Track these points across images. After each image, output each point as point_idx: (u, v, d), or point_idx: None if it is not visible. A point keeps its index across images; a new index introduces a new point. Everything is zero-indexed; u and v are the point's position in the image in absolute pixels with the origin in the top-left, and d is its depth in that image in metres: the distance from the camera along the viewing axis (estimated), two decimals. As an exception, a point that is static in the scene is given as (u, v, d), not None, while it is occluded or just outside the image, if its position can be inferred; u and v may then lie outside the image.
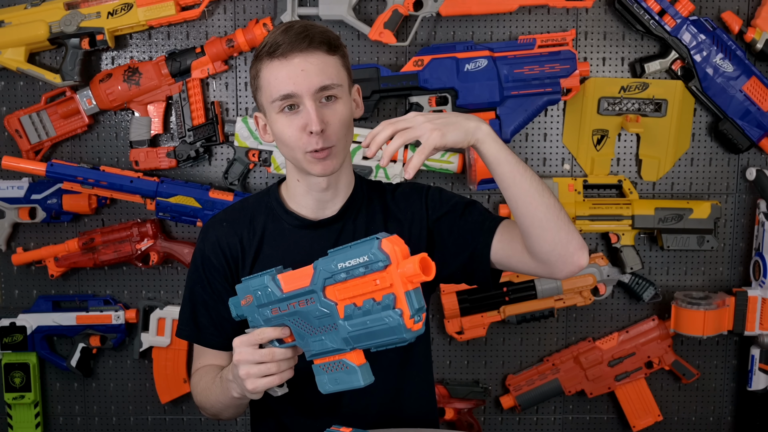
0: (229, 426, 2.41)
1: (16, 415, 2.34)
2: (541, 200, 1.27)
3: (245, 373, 1.19)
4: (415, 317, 1.04)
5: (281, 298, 1.15)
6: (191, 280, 1.47)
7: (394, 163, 2.18)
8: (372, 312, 1.05)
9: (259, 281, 1.18)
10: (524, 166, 1.28)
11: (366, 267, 1.04)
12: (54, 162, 2.18)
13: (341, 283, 1.08)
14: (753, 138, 2.22)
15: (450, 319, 2.28)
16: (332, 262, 1.07)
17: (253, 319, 1.22)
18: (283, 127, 1.32)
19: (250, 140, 2.19)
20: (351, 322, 1.08)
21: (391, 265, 1.02)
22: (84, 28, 2.13)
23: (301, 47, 1.29)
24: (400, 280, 1.02)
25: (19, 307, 2.33)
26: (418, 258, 1.02)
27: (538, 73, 2.13)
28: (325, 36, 1.32)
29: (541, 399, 2.34)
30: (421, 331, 1.06)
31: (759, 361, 2.28)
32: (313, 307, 1.11)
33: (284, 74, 1.29)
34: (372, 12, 2.20)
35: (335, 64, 1.33)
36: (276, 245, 1.43)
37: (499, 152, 1.26)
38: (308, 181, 1.39)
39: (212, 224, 1.48)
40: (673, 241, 2.25)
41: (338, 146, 1.33)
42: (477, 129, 1.25)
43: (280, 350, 1.19)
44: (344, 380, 1.14)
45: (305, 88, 1.29)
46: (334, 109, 1.32)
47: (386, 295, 1.03)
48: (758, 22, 2.17)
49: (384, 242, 1.03)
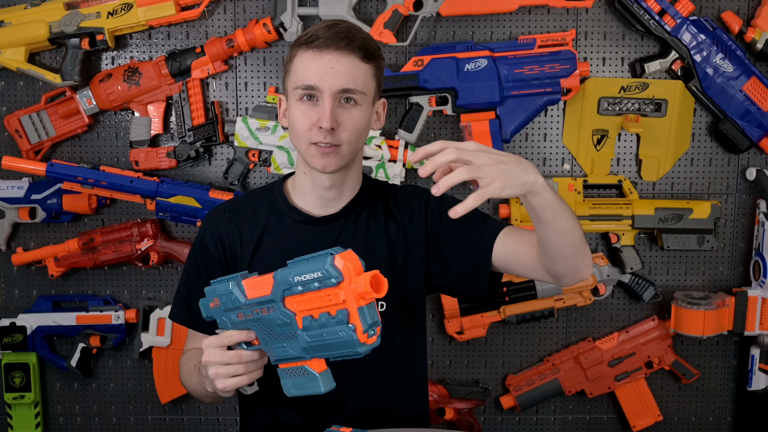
0: (228, 426, 2.41)
1: (16, 415, 2.34)
2: (571, 235, 1.27)
3: (214, 373, 1.22)
4: (369, 332, 1.06)
5: (245, 304, 1.17)
6: (188, 265, 1.50)
7: (393, 163, 2.18)
8: (327, 325, 1.07)
9: (224, 286, 1.19)
10: (563, 207, 1.25)
11: (320, 282, 1.05)
12: (54, 162, 2.18)
13: (299, 295, 1.09)
14: (753, 138, 2.22)
15: (450, 319, 2.29)
16: (290, 274, 1.09)
17: (221, 321, 1.24)
18: (298, 115, 1.34)
19: (250, 140, 2.19)
20: (309, 333, 1.10)
21: (344, 281, 1.03)
22: (84, 28, 2.13)
23: (338, 45, 1.31)
24: (353, 296, 1.04)
25: (19, 307, 2.33)
26: (369, 275, 1.03)
27: (538, 73, 2.13)
28: (365, 43, 1.34)
29: (541, 399, 2.34)
30: (377, 344, 1.08)
31: (759, 361, 2.28)
32: (275, 315, 1.13)
33: (314, 66, 1.31)
34: (372, 12, 2.20)
35: (365, 72, 1.35)
36: (277, 239, 1.44)
37: (547, 201, 1.23)
38: (313, 176, 1.41)
39: (215, 214, 1.50)
40: (673, 241, 2.25)
41: (345, 148, 1.35)
42: (534, 183, 1.19)
43: (247, 353, 1.21)
44: (306, 386, 1.16)
45: (328, 85, 1.31)
46: (350, 112, 1.34)
47: (340, 310, 1.05)
48: (758, 22, 2.17)
49: (337, 258, 1.03)
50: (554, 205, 1.23)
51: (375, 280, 1.04)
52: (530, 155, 2.28)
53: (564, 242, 1.28)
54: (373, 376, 1.43)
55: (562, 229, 1.26)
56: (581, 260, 1.31)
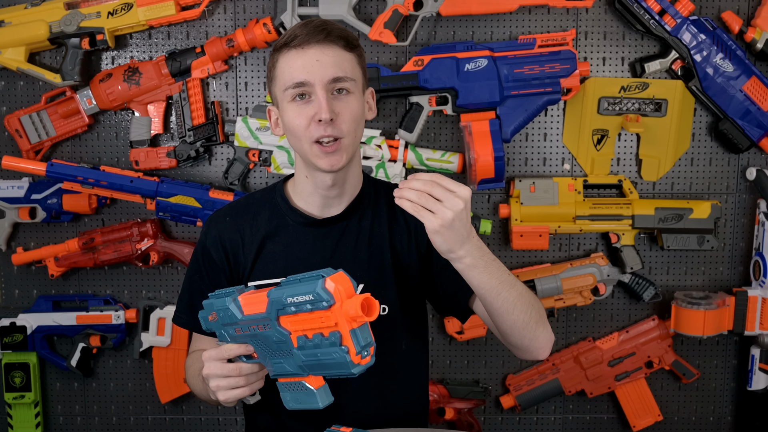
0: (229, 426, 2.41)
1: (16, 415, 2.34)
2: (510, 317, 1.28)
3: (215, 386, 1.22)
4: (362, 353, 1.06)
5: (242, 320, 1.17)
6: (191, 269, 1.50)
7: (393, 163, 2.18)
8: (321, 346, 1.07)
9: (221, 302, 1.20)
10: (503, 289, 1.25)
11: (312, 304, 1.05)
12: (54, 162, 2.18)
13: (292, 315, 1.09)
14: (753, 138, 2.22)
15: (450, 319, 2.28)
16: (283, 294, 1.08)
17: (221, 334, 1.24)
18: (294, 116, 1.33)
19: (250, 140, 2.19)
20: (304, 352, 1.10)
21: (335, 304, 1.03)
22: (84, 28, 2.13)
23: (318, 38, 1.31)
24: (345, 319, 1.04)
25: (19, 307, 2.33)
26: (360, 299, 1.03)
27: (538, 73, 2.13)
28: (344, 33, 1.34)
29: (541, 399, 2.34)
30: (371, 364, 1.08)
31: (759, 361, 2.28)
32: (270, 332, 1.13)
33: (299, 63, 1.31)
34: (372, 12, 2.20)
35: (351, 60, 1.34)
36: (279, 242, 1.43)
37: (476, 280, 1.24)
38: (315, 177, 1.39)
39: (216, 218, 1.50)
40: (673, 241, 2.25)
41: (347, 140, 1.33)
42: (459, 259, 1.21)
43: (246, 365, 1.21)
44: (304, 401, 1.16)
45: (318, 77, 1.30)
46: (346, 101, 1.33)
47: (332, 332, 1.05)
48: (758, 21, 2.17)
49: (328, 281, 1.03)
50: (485, 287, 1.24)
51: (366, 303, 1.03)
52: (530, 155, 2.28)
53: (502, 320, 1.28)
54: (377, 381, 1.43)
55: (497, 308, 1.26)
56: (528, 342, 1.31)
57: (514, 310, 1.26)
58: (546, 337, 1.33)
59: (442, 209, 1.16)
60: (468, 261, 1.21)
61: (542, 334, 1.32)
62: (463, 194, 1.17)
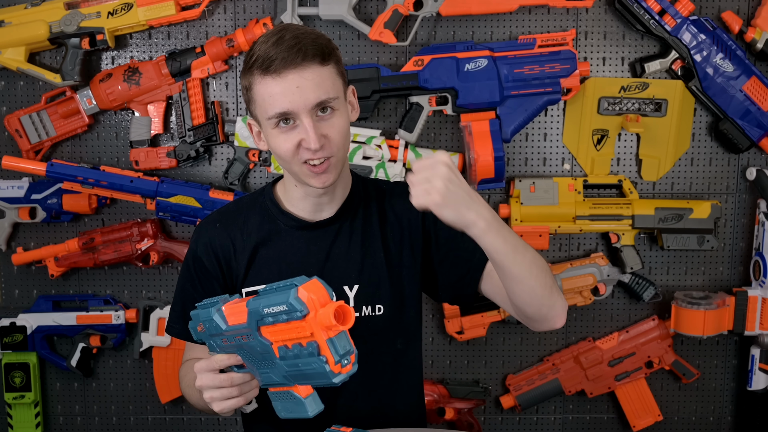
0: (229, 426, 2.41)
1: (16, 415, 2.34)
2: (528, 282, 1.27)
3: (209, 397, 1.21)
4: (342, 362, 1.04)
5: (226, 331, 1.16)
6: (183, 278, 1.48)
7: (393, 163, 2.18)
8: (301, 356, 1.05)
9: (206, 313, 1.19)
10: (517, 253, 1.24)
11: (287, 314, 1.03)
12: (54, 162, 2.18)
13: (271, 325, 1.08)
14: (753, 138, 2.22)
15: (450, 319, 2.29)
16: (260, 305, 1.07)
17: (210, 345, 1.23)
18: (280, 142, 1.30)
19: (250, 140, 2.19)
20: (286, 362, 1.09)
21: (309, 314, 1.01)
22: (84, 28, 2.13)
23: (295, 62, 1.25)
24: (320, 328, 1.02)
25: (19, 306, 2.33)
26: (333, 307, 1.01)
27: (538, 73, 2.13)
28: (317, 45, 1.28)
29: (541, 399, 2.34)
30: (353, 371, 1.06)
31: (759, 361, 2.28)
32: (254, 343, 1.12)
33: (279, 91, 1.26)
34: (372, 12, 2.20)
35: (330, 75, 1.30)
36: (272, 246, 1.43)
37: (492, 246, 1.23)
38: (305, 187, 1.38)
39: (205, 225, 1.47)
40: (673, 241, 2.25)
41: (337, 156, 1.32)
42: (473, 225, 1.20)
43: (238, 375, 1.20)
44: (294, 410, 1.15)
45: (301, 105, 1.26)
46: (331, 122, 1.30)
47: (310, 342, 1.03)
48: (758, 21, 2.17)
49: (300, 290, 1.01)
50: (501, 251, 1.23)
51: (340, 311, 1.01)
52: (530, 155, 2.29)
53: (520, 288, 1.27)
54: (373, 381, 1.43)
55: (515, 275, 1.25)
56: (546, 310, 1.31)
57: (530, 275, 1.26)
58: (562, 303, 1.33)
59: (430, 183, 1.17)
60: (482, 225, 1.20)
61: (558, 301, 1.32)
62: (438, 159, 1.18)
